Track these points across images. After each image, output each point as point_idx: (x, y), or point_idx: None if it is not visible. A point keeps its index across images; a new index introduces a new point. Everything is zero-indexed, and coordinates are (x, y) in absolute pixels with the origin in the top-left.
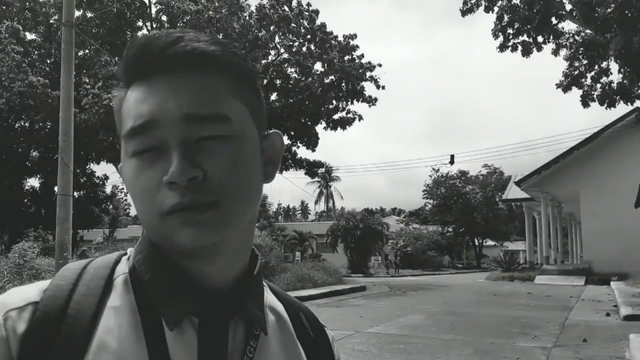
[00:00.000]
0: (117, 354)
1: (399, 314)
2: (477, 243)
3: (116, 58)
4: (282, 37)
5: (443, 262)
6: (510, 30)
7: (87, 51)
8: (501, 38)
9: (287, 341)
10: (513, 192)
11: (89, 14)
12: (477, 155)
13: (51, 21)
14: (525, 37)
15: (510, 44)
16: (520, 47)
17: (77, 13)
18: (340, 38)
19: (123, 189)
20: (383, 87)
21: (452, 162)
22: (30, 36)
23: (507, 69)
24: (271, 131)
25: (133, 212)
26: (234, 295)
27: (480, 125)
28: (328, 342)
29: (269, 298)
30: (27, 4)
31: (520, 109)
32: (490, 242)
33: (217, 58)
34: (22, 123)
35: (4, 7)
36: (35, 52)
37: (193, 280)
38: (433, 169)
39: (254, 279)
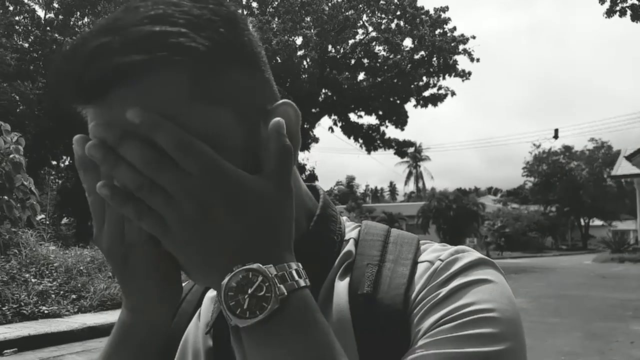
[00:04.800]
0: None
1: None
2: (583, 223)
3: None
4: (370, 16)
5: (545, 243)
6: None
7: None
8: (608, 2)
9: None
10: (623, 167)
11: None
12: (582, 128)
13: None
14: (634, 1)
15: (618, 8)
16: (629, 12)
17: None
18: (432, 12)
19: None
20: (477, 60)
21: (556, 136)
22: None
23: (615, 35)
24: (277, 104)
25: None
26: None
27: (586, 97)
28: (400, 293)
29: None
30: None
31: (630, 79)
32: (597, 222)
33: (150, 62)
34: None
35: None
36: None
37: None
38: (534, 144)
39: (307, 238)
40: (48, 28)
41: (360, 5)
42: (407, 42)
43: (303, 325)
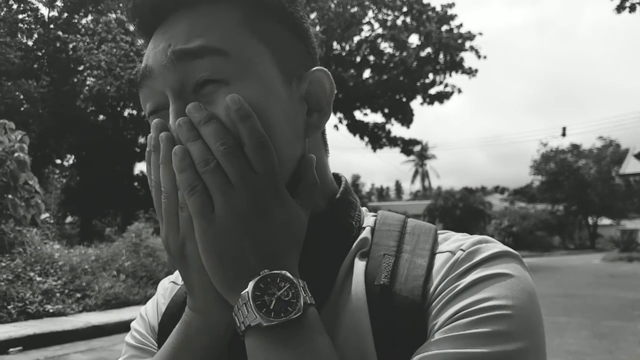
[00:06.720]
0: None
1: None
2: (591, 222)
3: None
4: (376, 12)
5: (553, 242)
6: None
7: None
8: None
9: (344, 299)
10: (632, 165)
11: None
12: (590, 126)
13: None
14: None
15: (628, 4)
16: (639, 7)
17: None
18: (438, 8)
19: None
20: (484, 57)
21: (564, 134)
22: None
23: (624, 32)
24: (312, 69)
25: None
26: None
27: (594, 94)
28: (419, 284)
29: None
30: None
31: (639, 76)
32: (605, 221)
33: None
34: (131, 110)
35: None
36: (140, 41)
37: None
38: (541, 142)
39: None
40: (51, 26)
41: (367, 2)
42: (414, 39)
43: (316, 334)
